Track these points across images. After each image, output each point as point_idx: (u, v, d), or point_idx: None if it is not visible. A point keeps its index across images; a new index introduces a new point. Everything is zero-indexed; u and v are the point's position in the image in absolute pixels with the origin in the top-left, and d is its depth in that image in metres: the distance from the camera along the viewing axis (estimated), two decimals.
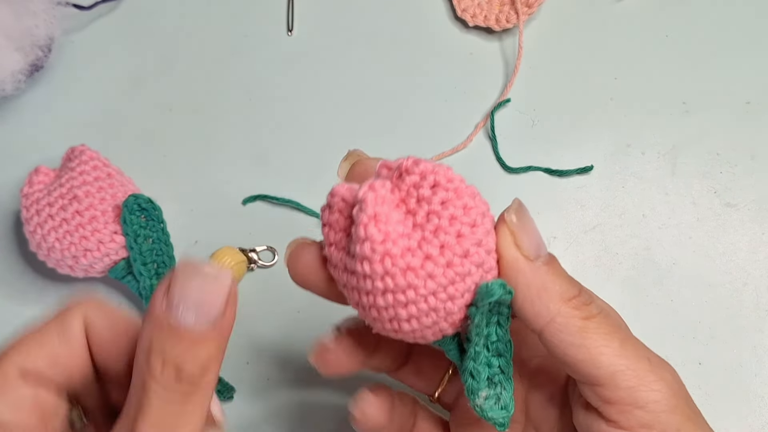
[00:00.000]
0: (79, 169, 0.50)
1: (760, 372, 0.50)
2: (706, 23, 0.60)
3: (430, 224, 0.29)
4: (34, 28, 0.56)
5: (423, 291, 0.29)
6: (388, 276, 0.29)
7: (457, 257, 0.29)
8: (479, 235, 0.30)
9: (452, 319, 0.31)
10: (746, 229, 0.54)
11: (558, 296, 0.30)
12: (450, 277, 0.29)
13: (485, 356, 0.32)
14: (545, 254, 0.31)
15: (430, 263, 0.29)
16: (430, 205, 0.30)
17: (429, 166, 0.30)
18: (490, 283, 0.30)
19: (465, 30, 0.61)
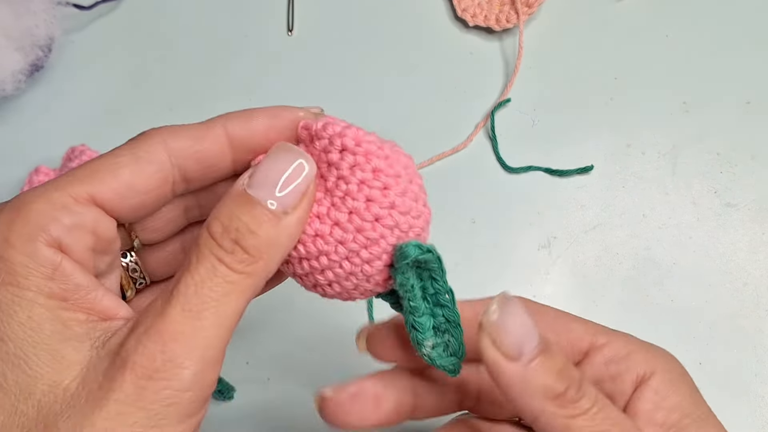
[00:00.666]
0: None
1: (761, 372, 0.50)
2: (706, 23, 0.60)
3: (339, 190, 0.29)
4: (34, 28, 0.56)
5: (335, 257, 0.30)
6: (299, 244, 0.30)
7: (367, 222, 0.29)
8: (391, 198, 0.29)
9: (375, 280, 0.31)
10: (746, 229, 0.54)
11: (541, 395, 0.29)
12: (361, 242, 0.29)
13: (426, 307, 0.32)
14: (531, 350, 0.29)
15: (338, 229, 0.29)
16: (339, 170, 0.29)
17: (338, 128, 0.30)
18: (404, 244, 0.30)
19: (465, 30, 0.61)
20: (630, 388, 0.32)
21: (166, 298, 0.27)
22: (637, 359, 0.33)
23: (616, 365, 0.33)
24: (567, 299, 0.53)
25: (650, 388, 0.32)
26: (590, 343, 0.33)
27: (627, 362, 0.33)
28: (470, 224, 0.55)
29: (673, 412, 0.31)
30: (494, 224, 0.55)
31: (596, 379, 0.33)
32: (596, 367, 0.33)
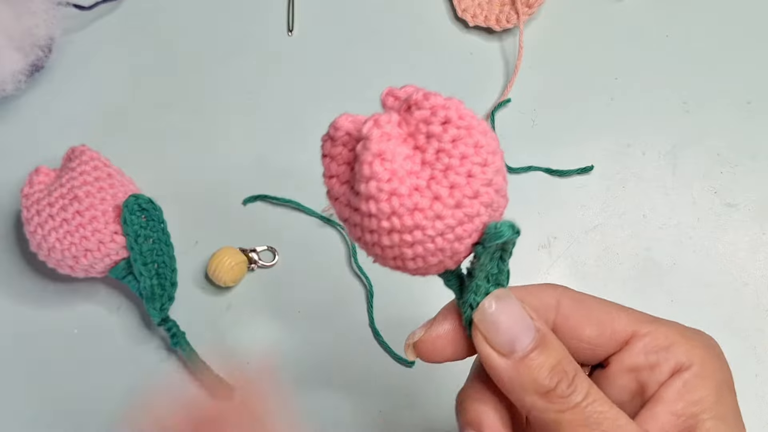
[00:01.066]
0: (79, 170, 0.50)
1: (761, 372, 0.50)
2: (706, 23, 0.60)
3: (440, 163, 0.28)
4: (34, 28, 0.56)
5: (431, 232, 0.28)
6: (394, 216, 0.28)
7: (467, 198, 0.28)
8: (489, 175, 0.29)
9: (457, 258, 0.30)
10: (746, 229, 0.54)
11: (532, 390, 0.30)
12: (459, 218, 0.28)
13: (485, 287, 0.31)
14: (524, 346, 0.30)
15: (438, 204, 0.28)
16: (440, 142, 0.28)
17: (440, 100, 0.29)
18: (498, 224, 0.29)
19: (465, 30, 0.61)
20: (666, 378, 0.32)
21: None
22: (677, 351, 0.33)
23: (655, 355, 0.33)
24: None
25: (681, 379, 0.32)
26: (633, 332, 0.34)
27: (666, 353, 0.33)
28: None
29: (695, 405, 0.31)
30: None
31: (634, 368, 0.33)
32: (635, 356, 0.33)
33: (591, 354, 0.34)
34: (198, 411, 0.39)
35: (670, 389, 0.32)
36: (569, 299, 0.34)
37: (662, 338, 0.33)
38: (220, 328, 0.53)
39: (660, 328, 0.34)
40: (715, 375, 0.33)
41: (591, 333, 0.33)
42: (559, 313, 0.34)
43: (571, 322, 0.34)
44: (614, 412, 0.30)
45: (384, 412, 0.50)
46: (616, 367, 0.33)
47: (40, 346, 0.52)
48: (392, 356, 0.51)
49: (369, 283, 0.53)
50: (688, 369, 0.32)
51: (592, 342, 0.34)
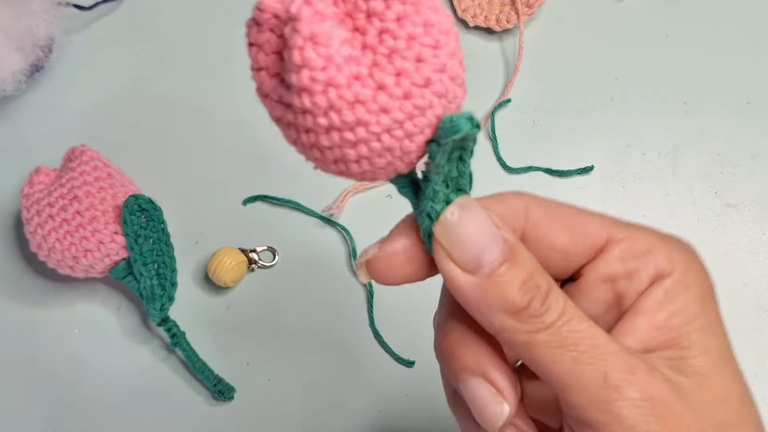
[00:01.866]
0: (79, 170, 0.50)
1: (761, 372, 0.50)
2: (706, 23, 0.60)
3: (383, 46, 0.24)
4: (34, 28, 0.56)
5: (375, 128, 0.24)
6: (332, 111, 0.24)
7: (417, 87, 0.24)
8: (443, 59, 0.25)
9: (409, 159, 0.26)
10: (747, 230, 0.54)
11: (502, 310, 0.26)
12: (408, 111, 0.24)
13: (444, 193, 0.27)
14: (492, 260, 0.26)
15: (383, 94, 0.24)
16: (383, 21, 0.24)
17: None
18: (455, 116, 0.25)
19: (465, 30, 0.61)
20: (645, 287, 0.29)
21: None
22: (657, 257, 0.30)
23: (633, 261, 0.29)
24: None
25: (661, 288, 0.29)
26: (608, 237, 0.30)
27: (645, 259, 0.29)
28: None
29: (677, 316, 0.29)
30: None
31: (611, 277, 0.30)
32: (611, 263, 0.30)
33: (564, 265, 0.31)
34: None
35: (650, 299, 0.29)
36: (538, 206, 0.31)
37: (640, 243, 0.30)
38: (220, 328, 0.53)
39: (637, 232, 0.30)
40: (697, 282, 0.30)
41: (563, 240, 0.30)
42: (528, 221, 0.31)
43: (542, 230, 0.30)
44: (592, 331, 0.27)
45: (384, 412, 0.50)
46: (591, 277, 0.30)
47: (40, 346, 0.52)
48: (392, 356, 0.51)
49: (369, 284, 0.53)
50: (670, 276, 0.29)
51: (565, 250, 0.30)
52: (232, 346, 0.52)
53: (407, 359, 0.51)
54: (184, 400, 0.51)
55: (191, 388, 0.51)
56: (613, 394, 0.25)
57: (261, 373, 0.51)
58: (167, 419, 0.51)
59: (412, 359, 0.51)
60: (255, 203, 0.56)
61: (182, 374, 0.52)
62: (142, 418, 0.51)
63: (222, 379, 0.50)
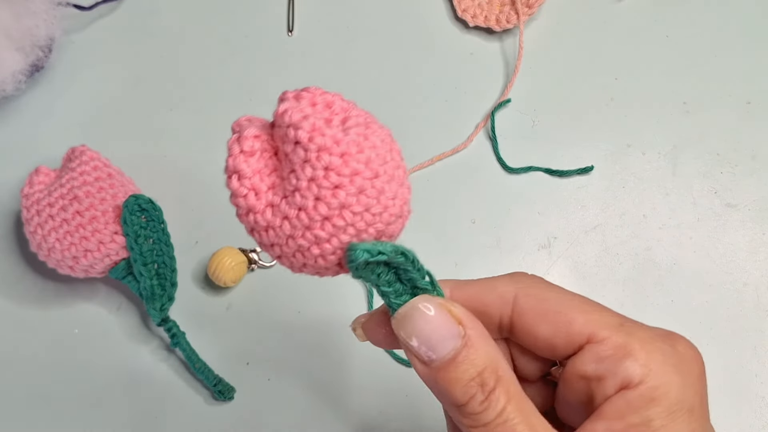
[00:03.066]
0: (79, 170, 0.50)
1: (761, 372, 0.50)
2: (706, 23, 0.60)
3: (290, 184, 0.28)
4: (34, 28, 0.56)
5: (287, 249, 0.29)
6: (254, 231, 0.29)
7: (315, 221, 0.28)
8: (341, 198, 0.27)
9: (334, 271, 0.30)
10: (747, 230, 0.54)
11: (448, 402, 0.29)
12: (310, 240, 0.28)
13: (404, 288, 0.30)
14: (441, 357, 0.29)
15: (287, 224, 0.28)
16: (292, 163, 0.28)
17: (296, 117, 0.28)
18: (353, 246, 0.28)
19: (465, 30, 0.61)
20: (611, 393, 0.30)
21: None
22: (630, 364, 0.29)
23: (605, 366, 0.30)
24: None
25: (624, 398, 0.29)
26: (589, 336, 0.31)
27: (617, 365, 0.29)
28: (470, 224, 0.55)
29: (635, 428, 0.29)
30: (494, 224, 0.55)
31: (584, 376, 0.30)
32: (586, 363, 0.30)
33: (550, 353, 0.32)
34: None
35: (613, 407, 0.29)
36: (527, 295, 0.32)
37: (617, 347, 0.30)
38: (220, 328, 0.53)
39: (619, 334, 0.30)
40: (669, 395, 0.29)
41: (545, 332, 0.31)
42: (514, 309, 0.32)
43: (526, 320, 0.32)
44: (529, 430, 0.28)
45: (384, 412, 0.50)
46: (570, 370, 0.31)
47: (40, 346, 0.52)
48: (392, 356, 0.51)
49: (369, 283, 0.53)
50: (636, 387, 0.29)
51: (548, 341, 0.31)
52: (232, 346, 0.52)
53: (407, 359, 0.51)
54: (184, 400, 0.51)
55: (191, 388, 0.51)
56: None
57: (261, 373, 0.51)
58: (167, 419, 0.51)
59: None
60: None
61: (182, 374, 0.52)
62: (143, 418, 0.51)
63: (222, 379, 0.50)
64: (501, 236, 0.54)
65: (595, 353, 0.30)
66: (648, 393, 0.29)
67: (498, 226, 0.55)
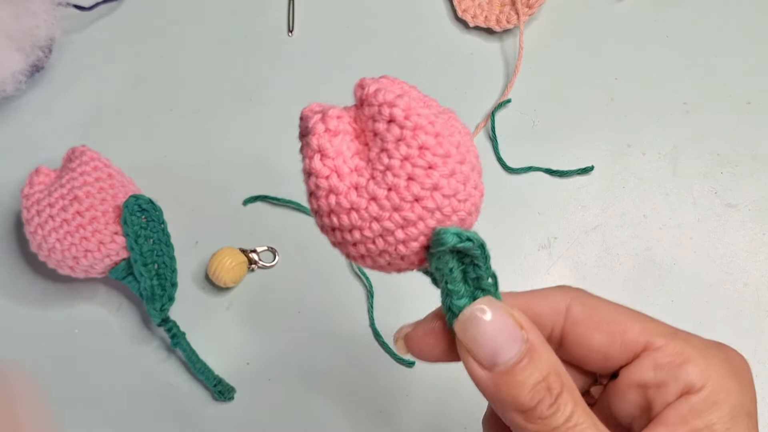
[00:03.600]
0: (79, 170, 0.50)
1: (761, 372, 0.50)
2: (706, 24, 0.60)
3: (380, 163, 0.27)
4: (34, 28, 0.56)
5: (368, 233, 0.28)
6: (333, 214, 0.28)
7: (406, 202, 0.27)
8: (435, 179, 0.27)
9: (410, 260, 0.29)
10: (747, 230, 0.54)
11: (513, 408, 0.28)
12: (397, 222, 0.27)
13: (467, 290, 0.29)
14: (506, 360, 0.28)
15: (374, 205, 0.27)
16: (384, 141, 0.27)
17: (390, 96, 0.27)
18: (443, 230, 0.27)
19: (465, 30, 0.61)
20: (673, 399, 0.30)
21: None
22: (690, 369, 0.30)
23: (665, 373, 0.30)
24: None
25: (687, 402, 0.29)
26: (645, 344, 0.31)
27: (677, 371, 0.30)
28: None
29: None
30: (494, 224, 0.55)
31: (642, 384, 0.31)
32: (644, 371, 0.31)
33: (603, 364, 0.32)
34: None
35: (675, 412, 0.29)
36: (581, 305, 0.32)
37: (675, 354, 0.30)
38: (220, 328, 0.53)
39: (676, 342, 0.31)
40: (730, 399, 0.30)
41: (600, 342, 0.31)
42: (567, 319, 0.32)
43: (580, 329, 0.32)
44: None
45: (384, 412, 0.50)
46: (625, 380, 0.31)
47: (41, 347, 0.52)
48: (392, 356, 0.51)
49: (369, 284, 0.53)
50: (699, 391, 0.29)
51: (602, 351, 0.32)
52: (232, 346, 0.52)
53: (407, 359, 0.51)
54: (184, 400, 0.51)
55: (191, 389, 0.51)
56: None
57: (261, 373, 0.51)
58: (167, 419, 0.51)
59: (412, 360, 0.51)
60: (255, 203, 0.56)
61: (182, 374, 0.52)
62: (143, 418, 0.51)
63: (222, 379, 0.50)
64: (501, 236, 0.54)
65: (654, 360, 0.30)
66: (710, 397, 0.29)
67: (498, 226, 0.55)
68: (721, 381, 0.30)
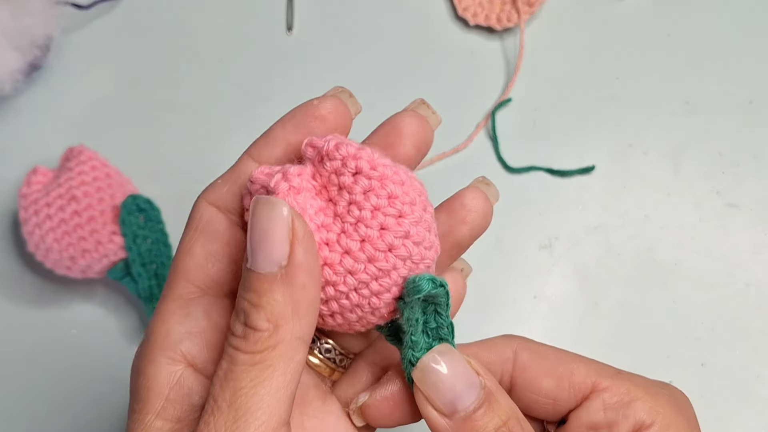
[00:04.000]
0: (77, 170, 0.50)
1: (763, 373, 0.50)
2: (708, 23, 0.60)
3: (351, 216, 0.28)
4: (32, 27, 0.55)
5: (343, 288, 0.28)
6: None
7: (380, 252, 0.28)
8: (406, 227, 0.28)
9: (380, 314, 0.29)
10: (749, 230, 0.54)
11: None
12: (372, 273, 0.28)
13: (425, 342, 0.30)
14: (465, 407, 0.28)
15: (349, 259, 0.28)
16: (351, 194, 0.28)
17: (352, 149, 0.28)
18: (417, 277, 0.28)
19: (466, 29, 0.60)
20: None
21: (207, 407, 0.26)
22: (639, 407, 0.31)
23: (614, 412, 0.31)
24: (568, 300, 0.52)
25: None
26: (593, 385, 0.32)
27: (627, 410, 0.31)
28: None
29: None
30: (494, 224, 0.54)
31: (593, 426, 0.32)
32: (594, 412, 0.31)
33: (552, 409, 0.32)
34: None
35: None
36: (527, 350, 0.33)
37: (623, 393, 0.31)
38: None
39: (621, 381, 0.32)
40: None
41: (549, 385, 0.32)
42: (516, 365, 0.33)
43: (529, 374, 0.32)
44: None
45: None
46: (576, 422, 0.32)
47: (39, 347, 0.52)
48: None
49: None
50: (649, 428, 0.31)
51: (551, 395, 0.32)
52: None
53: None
54: None
55: None
56: None
57: None
58: None
59: None
60: None
61: None
62: None
63: None
64: (502, 236, 0.54)
65: (602, 401, 0.31)
66: (662, 430, 0.30)
67: (499, 227, 0.54)
68: (670, 417, 0.31)
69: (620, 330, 0.38)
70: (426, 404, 0.29)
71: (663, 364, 0.50)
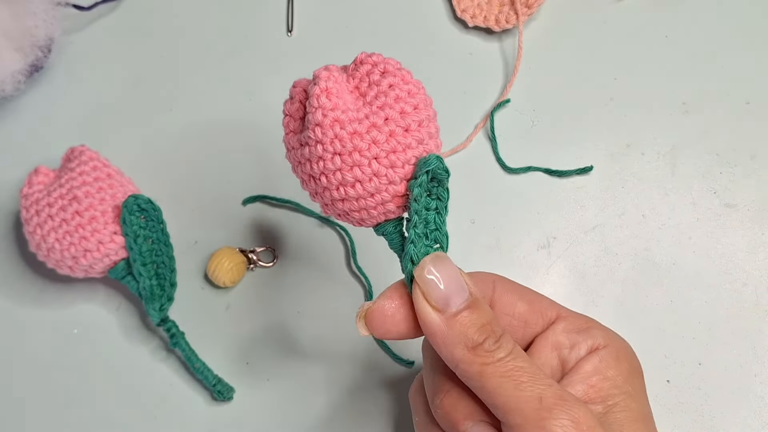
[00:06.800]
0: (78, 170, 0.50)
1: (760, 372, 0.50)
2: (706, 23, 0.60)
3: (378, 101, 0.34)
4: (33, 28, 0.56)
5: (367, 154, 0.33)
6: (337, 139, 0.33)
7: (400, 128, 0.34)
8: (421, 116, 0.35)
9: (394, 190, 0.34)
10: (746, 230, 0.54)
11: (461, 344, 0.33)
12: (392, 145, 0.34)
13: (424, 245, 0.35)
14: (458, 304, 0.33)
15: (374, 130, 0.34)
16: (379, 86, 0.35)
17: (380, 57, 0.36)
18: (427, 155, 0.34)
19: (465, 30, 0.61)
20: (584, 355, 0.36)
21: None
22: (595, 333, 0.37)
23: (575, 335, 0.37)
24: (566, 299, 0.53)
25: (597, 355, 0.36)
26: (557, 313, 0.38)
27: (585, 334, 0.37)
28: (470, 224, 0.55)
29: (608, 380, 0.35)
30: (494, 224, 0.55)
31: (557, 345, 0.37)
32: (558, 334, 0.37)
33: (521, 333, 0.38)
34: None
35: (588, 363, 0.35)
36: (504, 282, 0.38)
37: (582, 322, 0.37)
38: (219, 328, 0.53)
39: (578, 315, 0.38)
40: (628, 359, 0.36)
41: (523, 309, 0.38)
42: (495, 291, 0.38)
43: (506, 299, 0.38)
44: (533, 368, 0.33)
45: (383, 412, 0.50)
46: (541, 344, 0.37)
47: (40, 347, 0.52)
48: (392, 356, 0.51)
49: (369, 284, 0.53)
50: (605, 348, 0.36)
51: (523, 318, 0.38)
52: (231, 346, 0.52)
53: (406, 359, 0.51)
54: (184, 400, 0.51)
55: (191, 388, 0.51)
56: (546, 414, 0.31)
57: (261, 373, 0.51)
58: (167, 419, 0.51)
59: (411, 359, 0.51)
60: (255, 203, 0.56)
61: (182, 374, 0.52)
62: (142, 418, 0.51)
63: (221, 379, 0.50)
64: (500, 236, 0.54)
65: (564, 326, 0.37)
66: (614, 353, 0.36)
67: (497, 226, 0.55)
68: (620, 342, 0.37)
69: (618, 329, 0.38)
70: (421, 300, 0.33)
71: (661, 363, 0.50)
